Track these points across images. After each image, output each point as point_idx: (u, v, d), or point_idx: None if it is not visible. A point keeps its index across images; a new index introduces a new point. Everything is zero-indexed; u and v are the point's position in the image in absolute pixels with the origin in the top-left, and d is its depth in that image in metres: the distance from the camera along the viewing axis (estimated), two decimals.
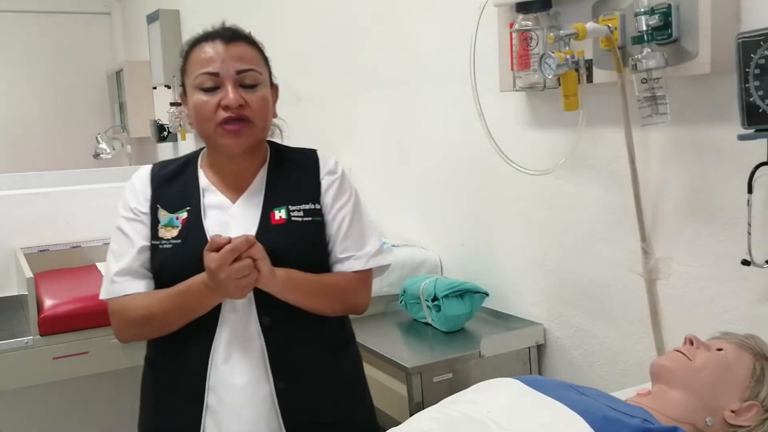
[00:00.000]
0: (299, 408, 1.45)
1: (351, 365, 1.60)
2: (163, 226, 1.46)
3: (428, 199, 2.49)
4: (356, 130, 2.91)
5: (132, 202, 1.49)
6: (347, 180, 1.56)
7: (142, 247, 1.46)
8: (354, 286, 1.51)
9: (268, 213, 1.46)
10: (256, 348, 1.43)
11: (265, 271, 1.35)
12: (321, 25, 3.07)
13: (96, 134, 5.84)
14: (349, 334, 1.61)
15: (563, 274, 1.97)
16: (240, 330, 1.43)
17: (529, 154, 1.96)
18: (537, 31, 1.74)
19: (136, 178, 1.53)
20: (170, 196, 1.49)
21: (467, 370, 1.91)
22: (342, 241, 1.50)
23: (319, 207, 1.49)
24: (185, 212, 1.46)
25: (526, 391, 1.23)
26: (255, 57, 1.47)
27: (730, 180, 1.49)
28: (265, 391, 1.43)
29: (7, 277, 2.51)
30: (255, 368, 1.43)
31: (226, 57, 1.41)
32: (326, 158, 1.56)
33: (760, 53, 1.23)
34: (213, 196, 1.49)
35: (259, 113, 1.44)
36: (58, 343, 2.05)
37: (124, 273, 1.45)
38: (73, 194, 2.70)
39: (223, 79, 1.41)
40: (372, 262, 1.52)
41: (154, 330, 1.46)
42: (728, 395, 1.24)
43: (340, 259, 1.50)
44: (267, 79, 1.49)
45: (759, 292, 1.48)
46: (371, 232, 1.56)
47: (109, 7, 6.72)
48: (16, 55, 6.34)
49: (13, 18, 6.30)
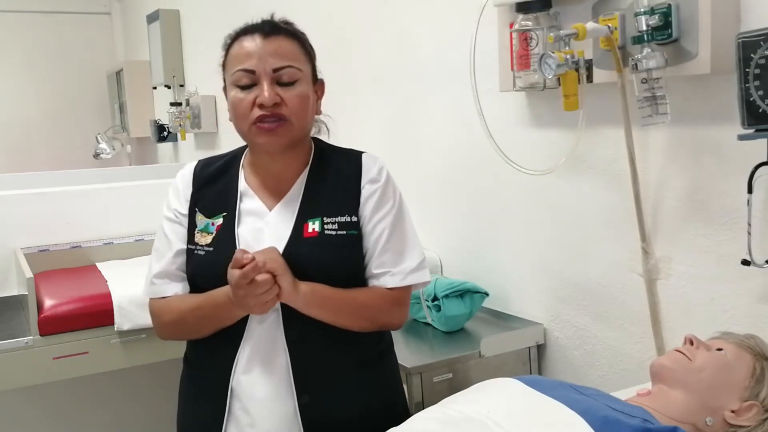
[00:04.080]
0: (322, 423, 1.40)
1: (385, 378, 1.53)
2: (199, 231, 1.45)
3: (428, 199, 2.49)
4: (356, 130, 2.90)
5: (173, 203, 1.49)
6: (391, 188, 1.48)
7: (179, 251, 1.46)
8: (386, 304, 1.44)
9: (302, 224, 1.41)
10: (281, 362, 1.40)
11: (286, 287, 1.33)
12: (321, 25, 3.07)
13: (96, 134, 5.83)
14: (385, 347, 1.54)
15: (563, 274, 1.97)
16: (265, 343, 1.41)
17: (529, 154, 1.96)
18: (537, 31, 1.74)
19: (179, 176, 1.52)
20: (209, 199, 1.48)
21: (467, 370, 1.91)
22: (379, 256, 1.43)
23: (356, 219, 1.43)
24: (221, 218, 1.45)
25: (526, 391, 1.23)
26: (295, 52, 1.41)
27: (730, 180, 1.49)
28: (288, 405, 1.40)
29: (7, 277, 2.51)
30: (278, 382, 1.40)
31: (263, 53, 1.37)
32: (370, 164, 1.48)
33: (760, 53, 1.23)
34: (251, 202, 1.46)
35: (297, 111, 1.39)
36: (58, 343, 2.05)
37: (162, 275, 1.46)
38: (73, 194, 2.70)
39: (259, 76, 1.37)
40: (409, 279, 1.44)
41: (185, 333, 1.48)
42: (728, 395, 1.24)
43: (375, 274, 1.44)
44: (308, 74, 1.43)
45: (759, 292, 1.48)
46: (413, 245, 1.48)
47: (109, 7, 6.72)
48: (17, 55, 6.34)
49: (13, 18, 6.30)
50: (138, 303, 2.11)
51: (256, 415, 1.40)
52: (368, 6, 2.71)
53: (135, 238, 2.76)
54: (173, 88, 4.71)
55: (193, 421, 1.50)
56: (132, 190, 2.87)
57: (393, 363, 1.57)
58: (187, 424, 1.52)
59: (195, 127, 4.22)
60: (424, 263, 1.48)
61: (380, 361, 1.51)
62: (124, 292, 2.19)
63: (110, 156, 5.81)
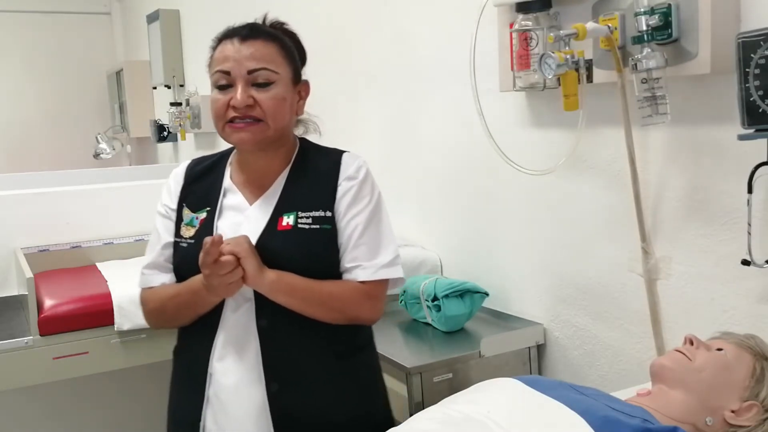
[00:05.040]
0: (292, 412, 1.44)
1: (362, 371, 1.56)
2: (185, 224, 1.52)
3: (428, 199, 2.49)
4: (356, 131, 2.90)
5: (165, 199, 1.57)
6: (368, 186, 1.52)
7: (166, 243, 1.53)
8: (357, 296, 1.46)
9: (277, 218, 1.47)
10: (252, 349, 1.44)
11: (250, 270, 1.37)
12: (321, 25, 3.07)
13: (96, 134, 5.84)
14: (362, 342, 1.57)
15: (563, 274, 1.97)
16: (237, 330, 1.46)
17: (529, 154, 1.96)
18: (537, 31, 1.74)
19: (173, 174, 1.59)
20: (196, 195, 1.55)
21: (467, 370, 1.91)
22: (352, 250, 1.47)
23: (330, 215, 1.47)
24: (205, 213, 1.51)
25: (526, 391, 1.23)
26: (271, 55, 1.45)
27: (730, 180, 1.49)
28: (258, 392, 1.44)
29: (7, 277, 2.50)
30: (249, 369, 1.44)
31: (239, 56, 1.42)
32: (349, 162, 1.52)
33: (760, 53, 1.23)
34: (233, 197, 1.52)
35: (271, 112, 1.43)
36: (58, 343, 2.04)
37: (151, 266, 1.54)
38: (73, 194, 2.70)
39: (234, 78, 1.42)
40: (380, 273, 1.47)
41: (167, 321, 1.54)
42: (728, 395, 1.24)
43: (347, 268, 1.47)
44: (286, 76, 1.47)
45: (759, 292, 1.48)
46: (388, 242, 1.51)
47: (109, 7, 6.72)
48: (16, 55, 6.34)
49: (13, 18, 6.30)
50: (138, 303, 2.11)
51: (227, 402, 1.45)
52: (368, 6, 2.71)
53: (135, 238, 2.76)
54: (173, 88, 4.71)
55: (178, 409, 1.56)
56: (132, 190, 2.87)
57: (371, 358, 1.61)
58: (174, 413, 1.58)
59: (195, 127, 4.21)
60: (398, 261, 1.51)
61: (356, 354, 1.54)
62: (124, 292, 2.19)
63: (110, 156, 5.81)
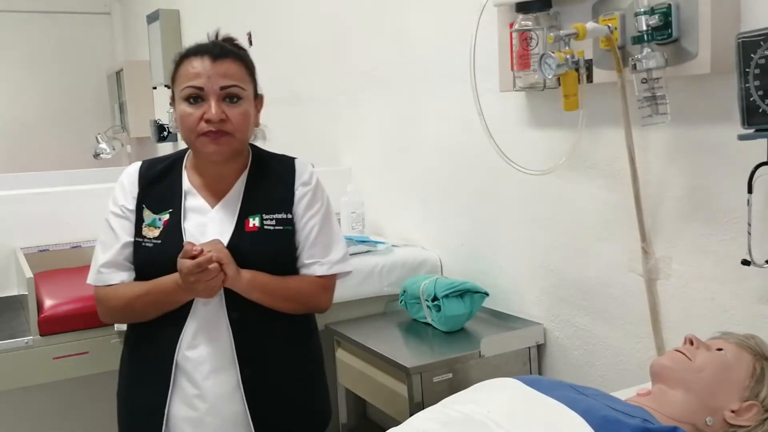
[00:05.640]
0: (264, 394, 1.59)
1: (313, 355, 1.74)
2: (146, 225, 1.61)
3: (428, 199, 2.49)
4: (356, 130, 2.91)
5: (120, 200, 1.65)
6: (320, 190, 1.69)
7: (126, 243, 1.62)
8: (316, 290, 1.65)
9: (243, 220, 1.60)
10: (225, 338, 1.58)
11: (231, 274, 1.52)
12: (321, 25, 3.07)
13: (96, 134, 5.83)
14: (312, 327, 1.75)
15: (563, 274, 1.97)
16: (209, 322, 1.58)
17: (529, 154, 1.96)
18: (537, 31, 1.74)
19: (125, 175, 1.68)
20: (155, 197, 1.64)
21: (467, 370, 1.91)
22: (309, 248, 1.64)
23: (290, 217, 1.63)
24: (167, 214, 1.62)
25: (527, 391, 1.23)
26: (240, 73, 1.58)
27: (730, 180, 1.49)
28: (231, 377, 1.58)
29: (7, 277, 2.50)
30: (223, 356, 1.57)
31: (212, 73, 1.53)
32: (302, 169, 1.68)
33: (760, 53, 1.23)
34: (194, 200, 1.64)
35: (239, 126, 1.56)
36: (58, 343, 2.04)
37: (109, 265, 1.62)
38: (73, 194, 2.69)
39: (207, 94, 1.54)
40: (334, 268, 1.67)
41: (131, 318, 1.65)
42: (728, 395, 1.24)
43: (305, 264, 1.65)
44: (250, 93, 1.61)
45: (759, 292, 1.48)
46: (338, 241, 1.70)
47: (109, 7, 6.72)
48: (17, 55, 6.34)
49: (13, 18, 6.30)
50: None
51: (203, 386, 1.57)
52: (369, 6, 2.71)
53: None
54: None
55: (135, 400, 1.64)
56: None
57: (317, 341, 1.78)
58: (129, 404, 1.66)
59: None
60: (347, 256, 1.71)
61: (308, 338, 1.73)
62: None
63: (110, 156, 5.81)
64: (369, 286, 2.28)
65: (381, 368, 2.00)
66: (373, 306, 2.32)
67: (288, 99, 3.38)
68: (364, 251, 2.35)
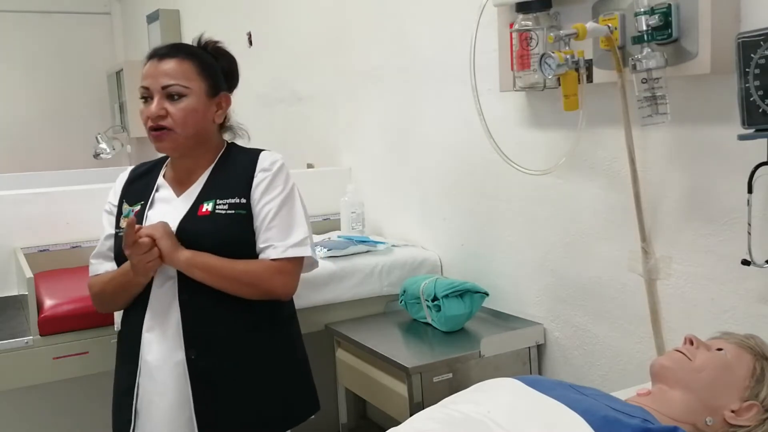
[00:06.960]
0: (208, 378, 1.63)
1: (279, 344, 1.74)
2: (123, 217, 1.72)
3: (428, 199, 2.49)
4: (356, 130, 2.91)
5: (111, 197, 1.80)
6: (282, 177, 1.70)
7: (108, 235, 1.76)
8: (268, 272, 1.65)
9: (198, 206, 1.68)
10: (174, 320, 1.64)
11: (165, 249, 1.59)
12: (321, 25, 3.07)
13: (96, 134, 5.83)
14: (280, 318, 1.75)
15: (563, 274, 1.97)
16: (161, 305, 1.66)
17: (529, 154, 1.96)
18: (537, 31, 1.74)
19: (120, 176, 1.83)
20: (134, 191, 1.77)
21: (467, 370, 1.91)
22: (264, 232, 1.66)
23: (245, 201, 1.67)
24: (139, 206, 1.73)
25: (527, 391, 1.23)
26: (185, 72, 1.65)
27: (730, 180, 1.49)
28: (178, 358, 1.63)
29: (7, 277, 2.50)
30: (171, 337, 1.64)
31: (156, 73, 1.65)
32: (266, 157, 1.72)
33: (760, 53, 1.23)
34: (164, 191, 1.74)
35: (180, 122, 1.64)
36: (58, 343, 2.04)
37: (97, 256, 1.77)
38: (73, 194, 2.69)
39: (152, 92, 1.65)
40: (289, 252, 1.66)
41: (109, 302, 1.76)
42: (728, 395, 1.24)
43: (261, 248, 1.67)
44: (199, 90, 1.67)
45: (759, 292, 1.48)
46: (299, 226, 1.69)
47: (109, 7, 6.72)
48: (16, 55, 6.33)
49: (13, 18, 6.30)
50: None
51: (152, 366, 1.64)
52: (369, 6, 2.71)
53: None
54: None
55: (120, 378, 1.73)
56: None
57: (290, 334, 1.79)
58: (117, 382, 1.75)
59: None
60: (307, 242, 1.69)
61: (272, 329, 1.73)
62: None
63: (110, 156, 5.80)
64: (369, 286, 2.28)
65: (381, 368, 2.00)
66: (373, 306, 2.32)
67: (288, 99, 3.38)
68: (364, 251, 2.35)
